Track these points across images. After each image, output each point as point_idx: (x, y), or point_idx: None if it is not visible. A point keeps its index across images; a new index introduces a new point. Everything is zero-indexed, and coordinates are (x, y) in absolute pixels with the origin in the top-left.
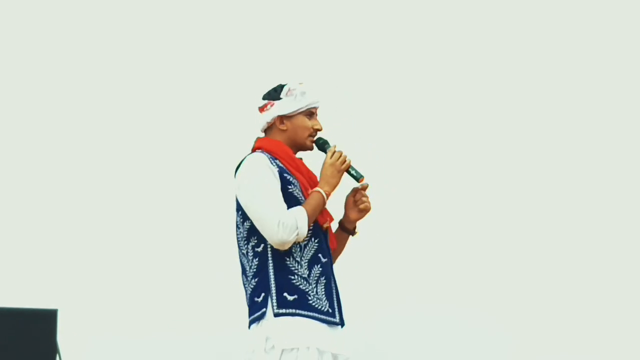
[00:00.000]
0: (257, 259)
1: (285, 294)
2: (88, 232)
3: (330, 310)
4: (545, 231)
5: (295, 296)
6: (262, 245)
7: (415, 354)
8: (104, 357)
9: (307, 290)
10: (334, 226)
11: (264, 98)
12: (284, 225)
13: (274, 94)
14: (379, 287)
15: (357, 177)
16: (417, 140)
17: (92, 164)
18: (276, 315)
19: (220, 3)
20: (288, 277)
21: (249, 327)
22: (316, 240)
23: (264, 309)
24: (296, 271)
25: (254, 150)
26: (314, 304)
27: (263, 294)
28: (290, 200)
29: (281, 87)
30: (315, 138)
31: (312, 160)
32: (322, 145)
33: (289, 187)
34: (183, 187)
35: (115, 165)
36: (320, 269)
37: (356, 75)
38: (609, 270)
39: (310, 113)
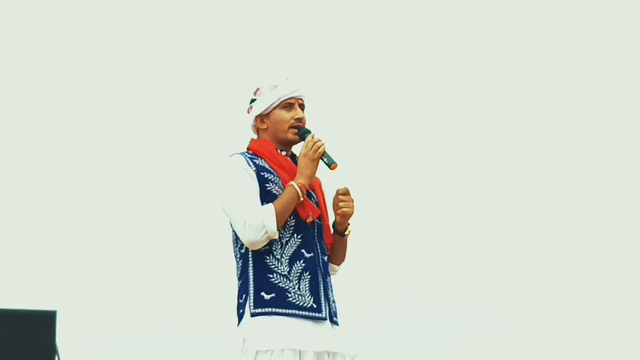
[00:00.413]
0: (241, 261)
1: (262, 293)
2: (87, 234)
3: (314, 306)
4: (544, 232)
5: (273, 294)
6: (244, 247)
7: (415, 354)
8: (103, 358)
9: (286, 287)
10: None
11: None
12: (250, 226)
13: (251, 98)
14: (378, 287)
15: (329, 164)
16: (417, 141)
17: (91, 167)
18: (253, 315)
19: (220, 3)
20: (267, 276)
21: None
22: (299, 236)
23: (243, 310)
24: (275, 269)
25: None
26: (294, 300)
27: (244, 295)
28: (270, 198)
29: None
30: (298, 130)
31: None
32: (303, 136)
33: (267, 185)
34: (182, 188)
35: (114, 168)
36: (304, 265)
37: (356, 75)
38: (608, 270)
39: (288, 105)
